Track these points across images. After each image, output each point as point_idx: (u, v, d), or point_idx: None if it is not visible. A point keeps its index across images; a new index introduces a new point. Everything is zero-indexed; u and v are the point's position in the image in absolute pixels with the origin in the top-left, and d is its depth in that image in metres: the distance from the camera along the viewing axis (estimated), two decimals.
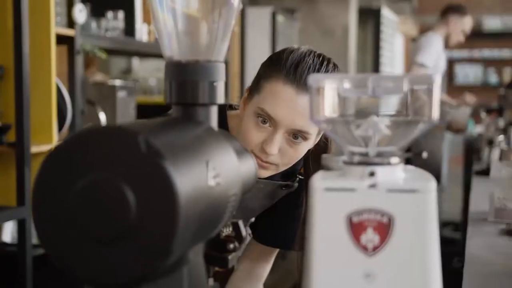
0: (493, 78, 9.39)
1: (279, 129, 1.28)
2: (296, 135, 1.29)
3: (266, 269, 1.61)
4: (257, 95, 1.31)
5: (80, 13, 2.79)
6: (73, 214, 0.60)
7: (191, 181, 0.62)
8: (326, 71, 1.30)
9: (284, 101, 1.27)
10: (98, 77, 4.65)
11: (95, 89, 3.28)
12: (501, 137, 2.89)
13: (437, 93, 0.67)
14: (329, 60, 1.33)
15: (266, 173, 1.33)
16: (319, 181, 0.67)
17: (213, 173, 0.67)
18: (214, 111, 0.77)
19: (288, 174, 1.46)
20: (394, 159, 0.68)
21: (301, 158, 1.37)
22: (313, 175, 0.69)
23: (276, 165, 1.32)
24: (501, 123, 3.85)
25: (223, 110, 1.41)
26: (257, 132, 1.29)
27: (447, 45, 4.83)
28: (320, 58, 1.31)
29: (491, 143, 3.10)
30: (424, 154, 0.75)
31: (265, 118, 1.28)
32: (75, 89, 2.81)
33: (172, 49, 0.76)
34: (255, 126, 1.30)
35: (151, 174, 0.58)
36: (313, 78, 0.69)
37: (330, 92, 0.69)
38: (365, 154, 0.69)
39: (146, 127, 0.64)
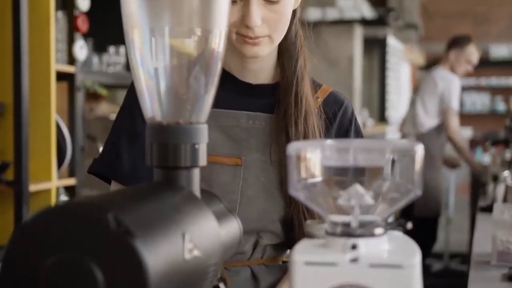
0: (500, 106, 9.37)
1: None
2: None
3: None
4: None
5: (81, 49, 2.78)
6: None
7: (164, 257, 0.59)
8: None
9: None
10: (104, 108, 4.64)
11: (98, 123, 3.27)
12: (506, 173, 2.84)
13: (420, 163, 0.65)
14: None
15: (262, 50, 1.24)
16: (299, 254, 0.65)
17: (190, 245, 0.64)
18: (196, 175, 0.75)
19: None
20: (378, 230, 0.66)
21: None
22: None
23: (267, 36, 1.23)
24: (508, 155, 3.80)
25: None
26: (231, 11, 1.23)
27: None
28: None
29: (496, 179, 3.04)
30: (409, 225, 0.73)
31: None
32: (75, 125, 2.80)
33: (154, 110, 0.74)
34: None
35: (121, 253, 0.56)
36: (293, 147, 0.67)
37: (310, 160, 0.66)
38: (348, 224, 0.66)
39: (117, 201, 0.62)
